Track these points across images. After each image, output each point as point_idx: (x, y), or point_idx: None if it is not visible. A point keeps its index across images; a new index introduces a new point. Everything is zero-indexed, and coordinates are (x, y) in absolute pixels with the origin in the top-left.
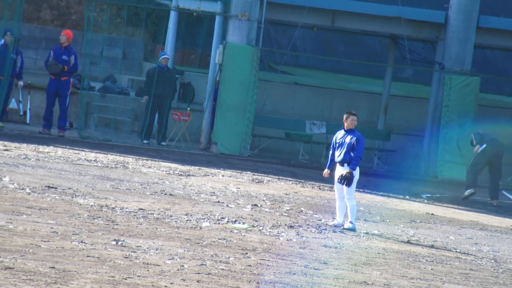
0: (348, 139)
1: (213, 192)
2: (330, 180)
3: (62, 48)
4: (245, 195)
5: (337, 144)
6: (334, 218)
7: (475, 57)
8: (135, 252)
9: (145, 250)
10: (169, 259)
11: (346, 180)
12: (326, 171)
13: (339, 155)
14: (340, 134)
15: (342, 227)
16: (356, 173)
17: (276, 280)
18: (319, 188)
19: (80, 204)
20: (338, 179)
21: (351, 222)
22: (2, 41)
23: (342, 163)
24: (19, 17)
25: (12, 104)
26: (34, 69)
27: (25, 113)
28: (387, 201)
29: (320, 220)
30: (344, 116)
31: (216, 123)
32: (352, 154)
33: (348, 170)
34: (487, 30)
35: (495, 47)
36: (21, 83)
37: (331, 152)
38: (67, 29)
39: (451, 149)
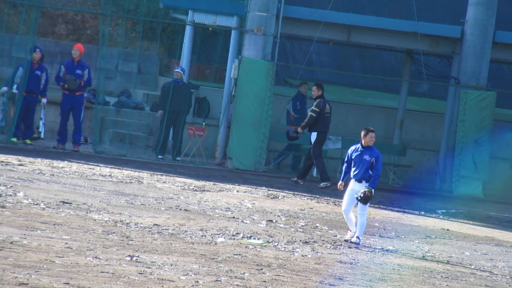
0: (367, 157)
1: (228, 208)
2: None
3: (74, 62)
4: (260, 210)
5: (354, 160)
6: (348, 232)
7: (491, 72)
8: (150, 267)
9: (159, 265)
10: (184, 275)
11: (367, 199)
12: (340, 184)
13: (356, 172)
14: (357, 149)
15: (357, 240)
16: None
17: None
18: (334, 204)
19: (95, 220)
20: (358, 197)
21: (358, 237)
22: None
23: (360, 180)
24: (34, 32)
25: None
26: (49, 84)
27: (39, 127)
28: (402, 216)
29: (336, 235)
30: (362, 133)
31: (231, 138)
32: (371, 172)
33: (368, 189)
34: (503, 45)
35: (511, 62)
36: (44, 100)
37: (345, 165)
38: (78, 43)
39: (467, 165)
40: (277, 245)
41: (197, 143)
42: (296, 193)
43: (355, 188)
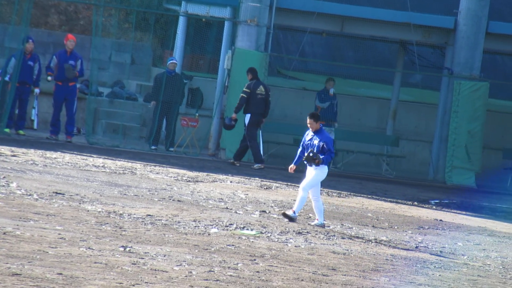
0: (316, 141)
1: (221, 198)
2: (338, 186)
3: (67, 53)
4: (253, 201)
5: (306, 145)
6: (315, 219)
7: (484, 62)
8: (143, 258)
9: (153, 256)
10: (177, 266)
11: (310, 159)
12: (292, 166)
13: (306, 153)
14: (309, 134)
15: (323, 226)
16: (324, 172)
17: (285, 286)
18: (328, 195)
19: (88, 210)
20: (305, 158)
21: (319, 220)
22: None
23: (310, 165)
24: (27, 22)
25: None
26: (42, 74)
27: (30, 118)
28: (396, 207)
29: (329, 226)
30: None
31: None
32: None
33: (318, 158)
34: (496, 36)
35: (504, 52)
36: (37, 90)
37: (299, 149)
38: (70, 34)
39: (460, 155)
40: (270, 235)
41: (190, 134)
42: (289, 183)
43: (309, 173)
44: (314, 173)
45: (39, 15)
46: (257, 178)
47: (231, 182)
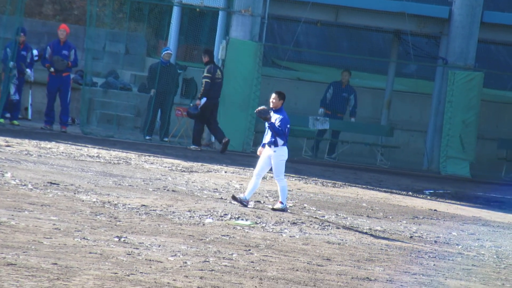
0: (273, 119)
1: (216, 189)
2: (333, 176)
3: (61, 43)
4: None
5: (267, 126)
6: (281, 202)
7: (478, 52)
8: (138, 248)
9: (147, 246)
10: (172, 256)
11: (260, 113)
12: (260, 149)
13: (266, 136)
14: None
15: (247, 202)
16: (283, 154)
17: (279, 276)
18: (322, 185)
19: (83, 201)
20: (257, 110)
21: (281, 202)
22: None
23: (269, 145)
24: (21, 12)
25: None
26: (36, 65)
27: (26, 109)
28: (390, 197)
29: (323, 216)
30: None
31: (219, 119)
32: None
33: (269, 117)
34: (490, 25)
35: (498, 42)
36: (28, 70)
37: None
38: (63, 24)
39: (454, 145)
40: (265, 226)
41: (185, 124)
42: (284, 174)
43: (265, 152)
44: (275, 158)
45: (34, 5)
46: (251, 168)
47: (225, 172)
